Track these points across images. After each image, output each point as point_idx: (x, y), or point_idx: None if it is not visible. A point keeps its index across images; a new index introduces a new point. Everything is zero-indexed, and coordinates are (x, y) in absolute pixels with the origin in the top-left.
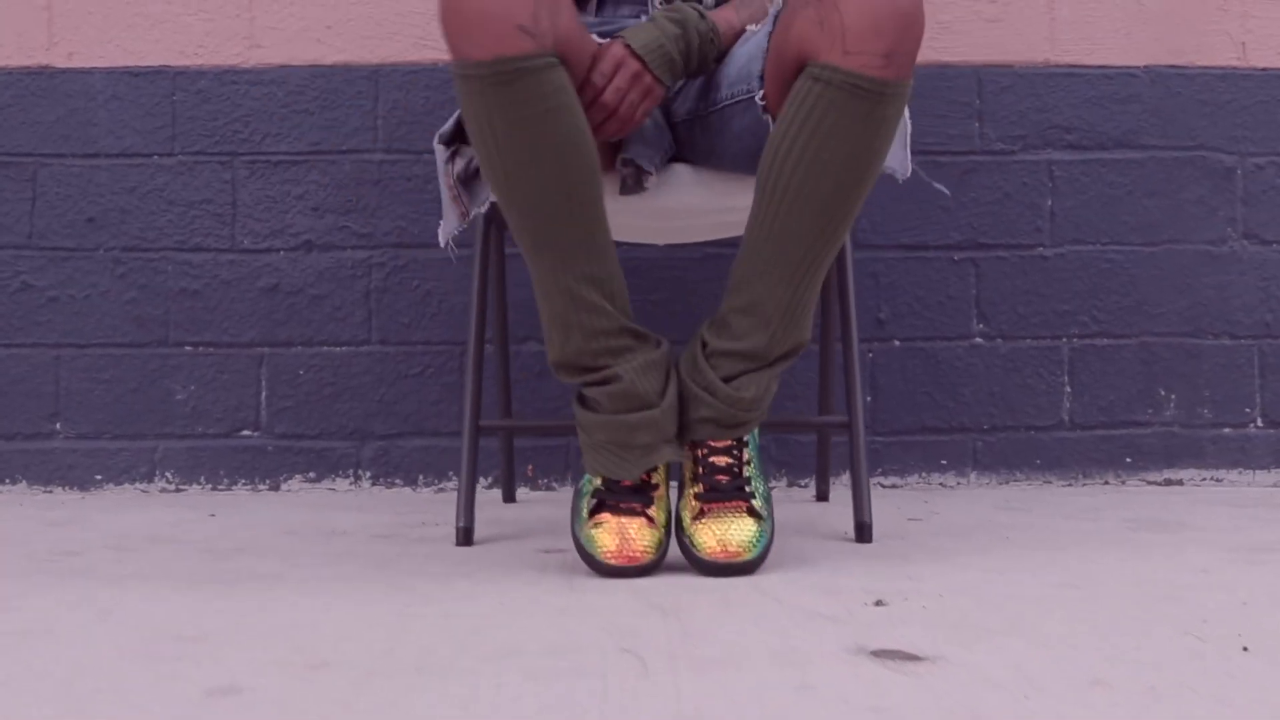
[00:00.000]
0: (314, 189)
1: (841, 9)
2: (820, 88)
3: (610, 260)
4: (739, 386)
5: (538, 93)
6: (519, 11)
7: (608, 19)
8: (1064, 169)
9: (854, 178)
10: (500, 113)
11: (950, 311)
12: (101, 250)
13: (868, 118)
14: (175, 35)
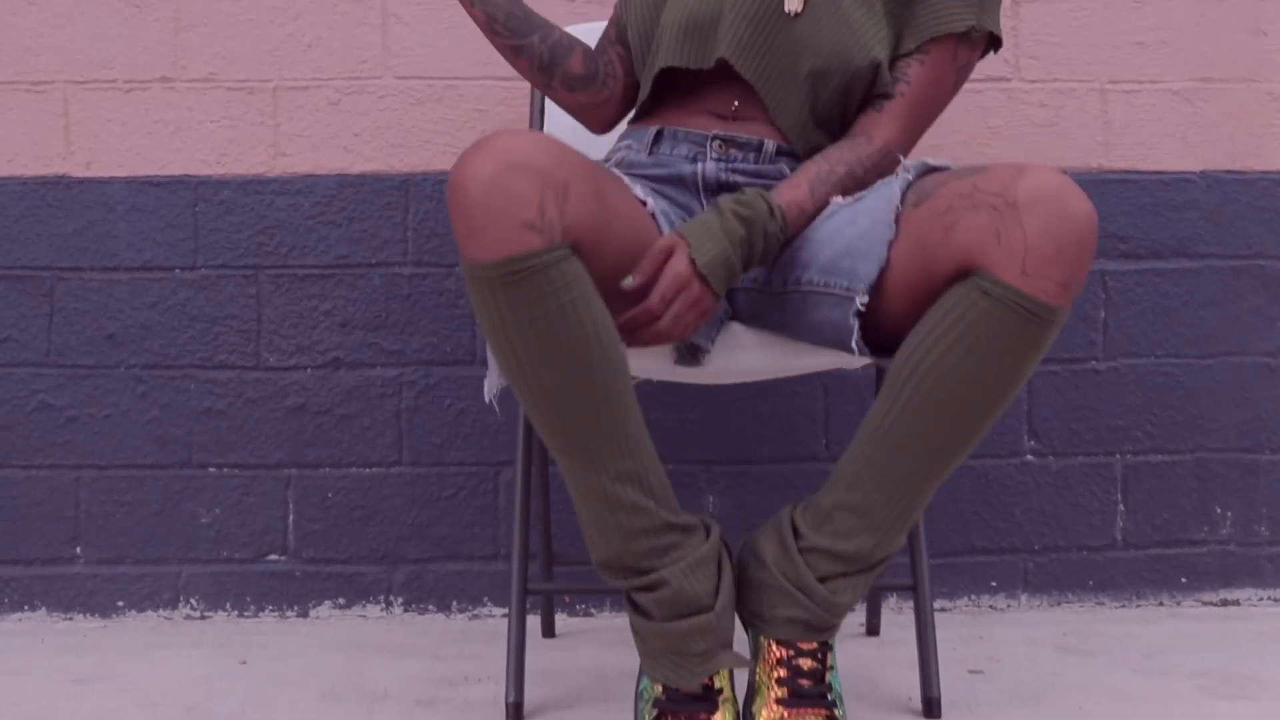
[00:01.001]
0: (342, 304)
1: (1025, 225)
2: (988, 303)
3: (645, 453)
4: (835, 590)
5: (549, 290)
6: (524, 207)
7: (662, 160)
8: (1117, 279)
9: (1001, 396)
10: (512, 312)
11: (1000, 429)
12: (122, 368)
13: (1031, 341)
14: (197, 143)
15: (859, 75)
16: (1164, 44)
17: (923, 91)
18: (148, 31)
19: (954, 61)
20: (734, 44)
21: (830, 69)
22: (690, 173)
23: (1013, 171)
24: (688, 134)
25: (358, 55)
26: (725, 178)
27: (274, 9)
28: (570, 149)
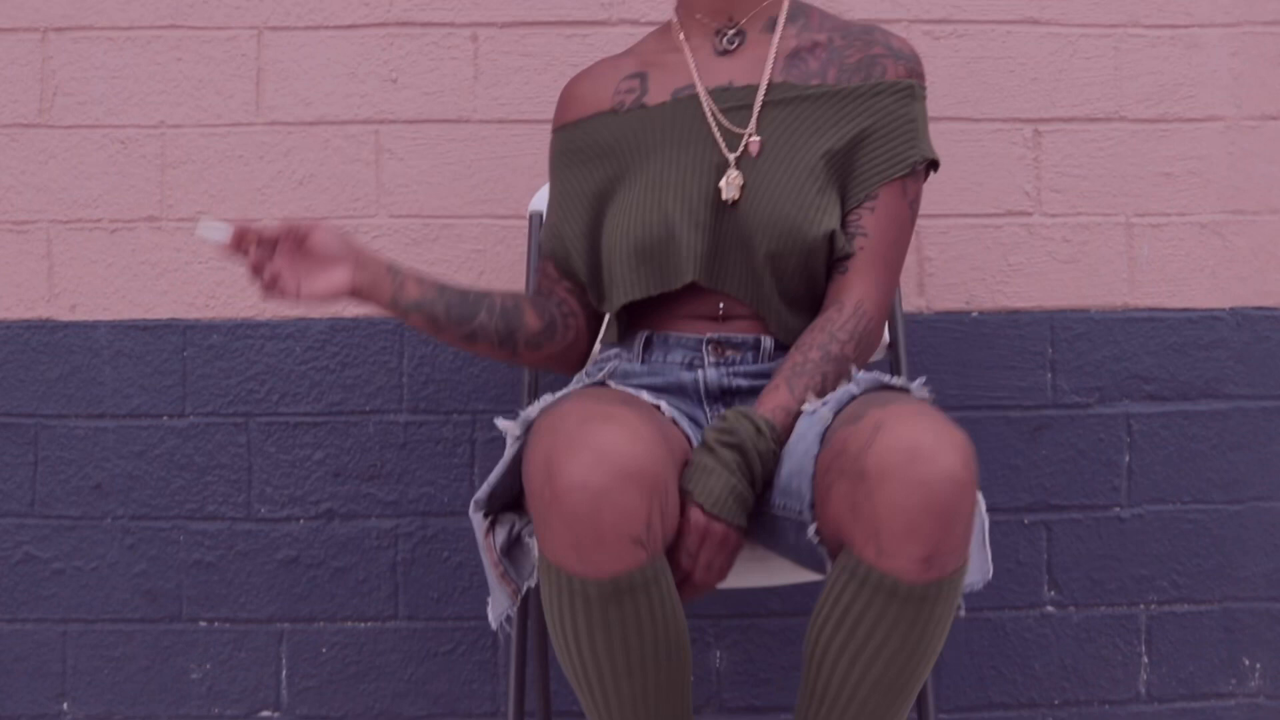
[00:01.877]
0: (335, 453)
1: (875, 499)
2: (855, 585)
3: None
4: None
5: (648, 606)
6: (635, 523)
7: (657, 369)
8: (1143, 422)
9: (901, 680)
10: (605, 629)
11: (1020, 579)
12: (109, 519)
13: (913, 620)
14: (185, 285)
15: (815, 249)
16: (1192, 174)
17: (882, 238)
18: (133, 168)
19: (904, 197)
20: (698, 262)
21: (784, 249)
22: (691, 380)
23: (870, 430)
24: (679, 339)
25: (350, 193)
26: (728, 383)
27: (263, 145)
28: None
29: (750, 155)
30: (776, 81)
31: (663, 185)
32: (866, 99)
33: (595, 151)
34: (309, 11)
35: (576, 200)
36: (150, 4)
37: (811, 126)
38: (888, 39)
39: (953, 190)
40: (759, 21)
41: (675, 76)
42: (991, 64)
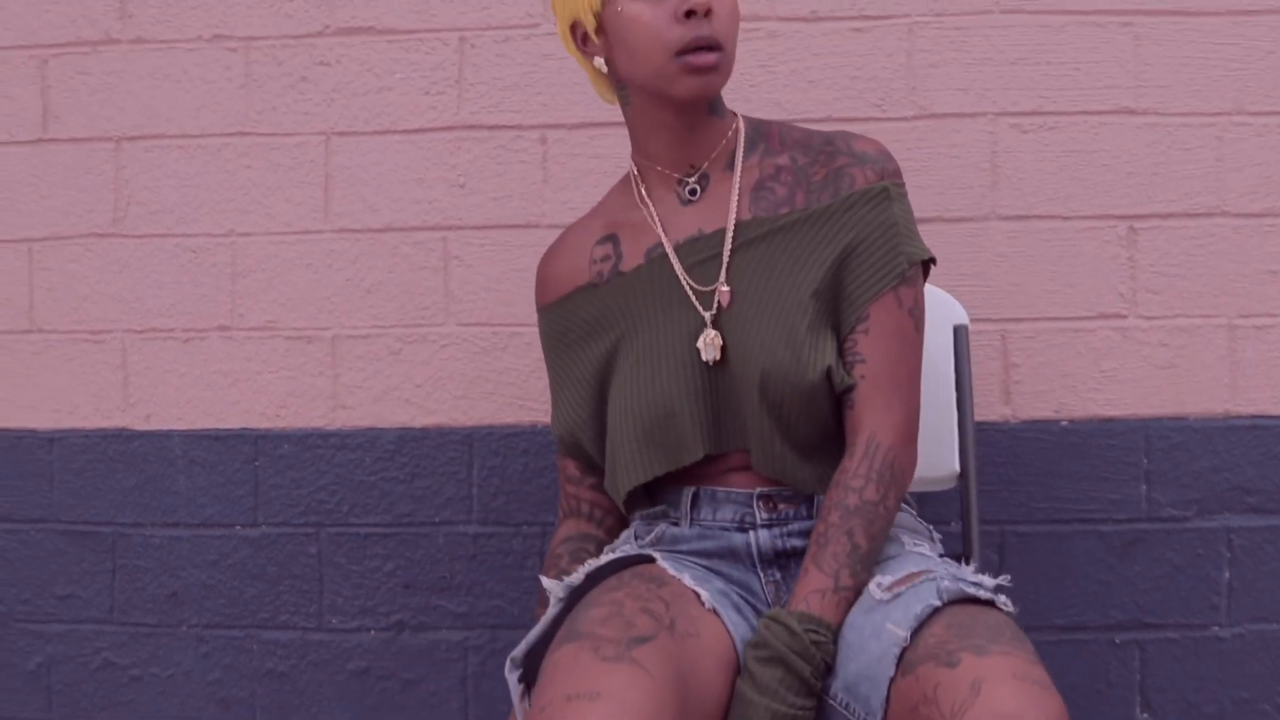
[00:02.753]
0: (406, 564)
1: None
2: None
3: None
4: None
5: None
6: None
7: (707, 531)
8: (1245, 536)
9: None
10: None
11: (1111, 700)
12: (184, 627)
13: None
14: (255, 395)
15: (814, 391)
16: None
17: (882, 359)
18: (205, 277)
19: (901, 308)
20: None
21: (780, 398)
22: (742, 544)
23: (968, 690)
24: (728, 494)
25: (418, 301)
26: (781, 545)
27: (331, 253)
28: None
29: (724, 308)
30: (744, 220)
31: (653, 358)
32: (840, 215)
33: (584, 331)
34: (375, 116)
35: (577, 386)
36: (219, 112)
37: (789, 260)
38: (850, 143)
39: (1040, 292)
40: (721, 160)
41: (645, 234)
42: (1083, 158)
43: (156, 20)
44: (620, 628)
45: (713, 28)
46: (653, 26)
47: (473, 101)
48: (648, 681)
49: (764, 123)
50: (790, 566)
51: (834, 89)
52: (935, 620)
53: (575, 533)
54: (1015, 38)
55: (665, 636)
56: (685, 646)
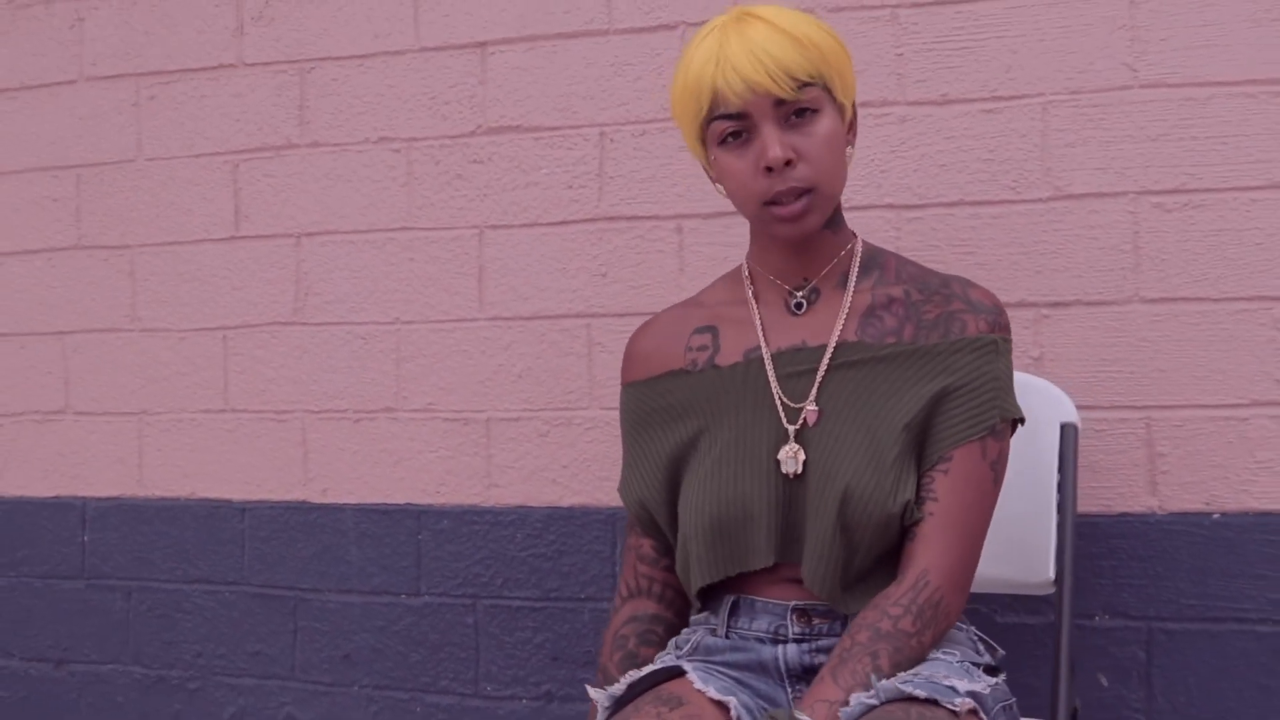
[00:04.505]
0: (553, 637)
1: None
2: None
3: None
4: None
5: None
6: None
7: (740, 643)
8: None
9: None
10: None
11: None
12: (356, 687)
13: None
14: (418, 473)
15: (888, 522)
16: None
17: (955, 502)
18: (373, 362)
19: (984, 459)
20: (773, 539)
21: (854, 523)
22: (771, 658)
23: None
24: (765, 604)
25: (565, 385)
26: (808, 661)
27: (486, 340)
28: None
29: (809, 425)
30: (850, 341)
31: (736, 458)
32: (945, 357)
33: (670, 414)
34: (523, 210)
35: (656, 466)
36: (385, 209)
37: (886, 389)
38: (967, 291)
39: (1189, 379)
40: (833, 277)
41: (746, 335)
42: (1233, 236)
43: (330, 125)
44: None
45: (798, 174)
46: (739, 178)
47: (612, 194)
48: None
49: (882, 251)
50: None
51: (966, 172)
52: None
53: (644, 613)
54: (1156, 113)
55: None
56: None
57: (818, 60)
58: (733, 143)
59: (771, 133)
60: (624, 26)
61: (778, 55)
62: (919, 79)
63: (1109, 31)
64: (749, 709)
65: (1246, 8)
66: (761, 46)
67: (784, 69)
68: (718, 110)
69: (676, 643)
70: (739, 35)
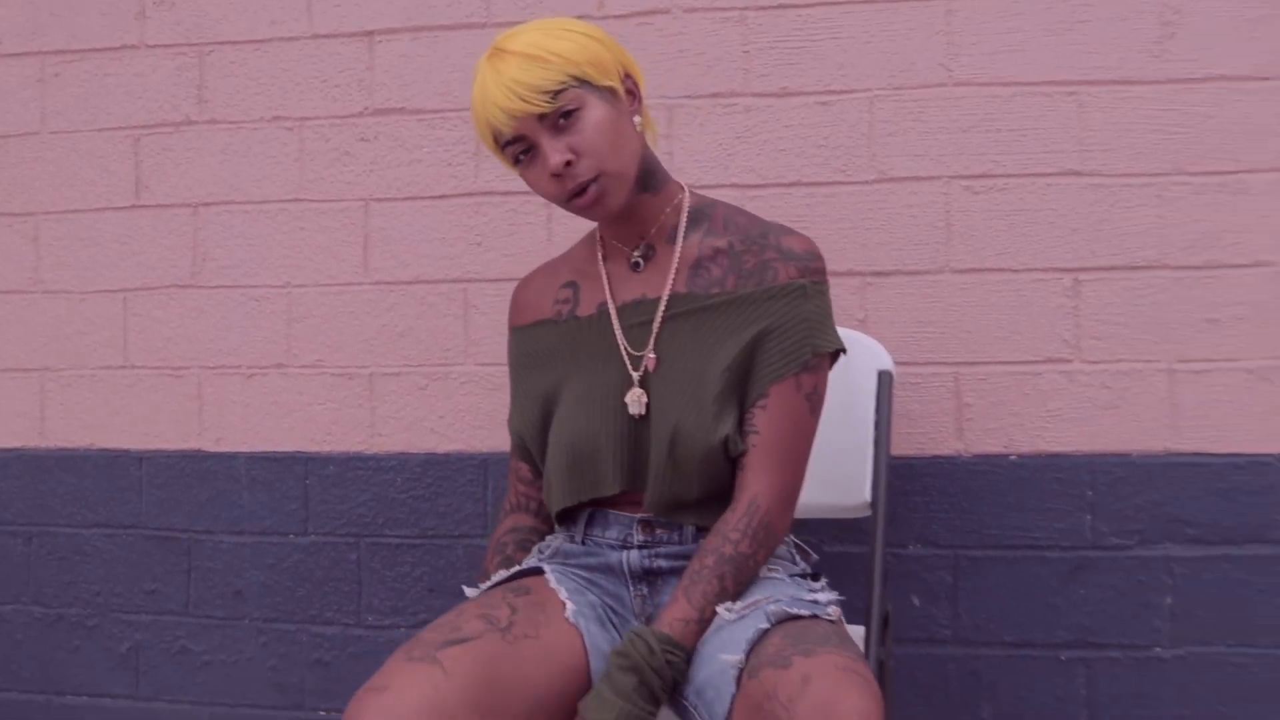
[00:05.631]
0: (430, 571)
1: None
2: None
3: None
4: None
5: None
6: None
7: (593, 549)
8: (1186, 565)
9: None
10: None
11: (1057, 713)
12: (247, 620)
13: None
14: (306, 423)
15: (712, 454)
16: (1240, 320)
17: (774, 434)
18: (265, 323)
19: (799, 392)
20: (620, 471)
21: (684, 457)
22: (618, 561)
23: (799, 682)
24: (616, 516)
25: (443, 344)
26: (649, 564)
27: (370, 302)
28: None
29: (650, 371)
30: (680, 293)
31: (589, 400)
32: (760, 304)
33: (540, 358)
34: (406, 185)
35: (531, 403)
36: (278, 181)
37: (712, 336)
38: (780, 239)
39: (992, 339)
40: (664, 233)
41: (598, 290)
42: (1030, 215)
43: (227, 104)
44: (444, 632)
45: (579, 169)
46: (539, 187)
47: (488, 171)
48: (439, 679)
49: (712, 204)
50: (656, 583)
51: (802, 156)
52: (773, 633)
53: (522, 526)
54: (967, 108)
55: (491, 638)
56: (513, 650)
57: (563, 66)
58: (525, 159)
59: (548, 143)
60: (500, 20)
61: (524, 80)
62: (762, 74)
63: (927, 36)
64: (594, 606)
65: (1044, 19)
66: (511, 77)
67: (533, 89)
68: (501, 139)
69: (539, 548)
70: (493, 73)
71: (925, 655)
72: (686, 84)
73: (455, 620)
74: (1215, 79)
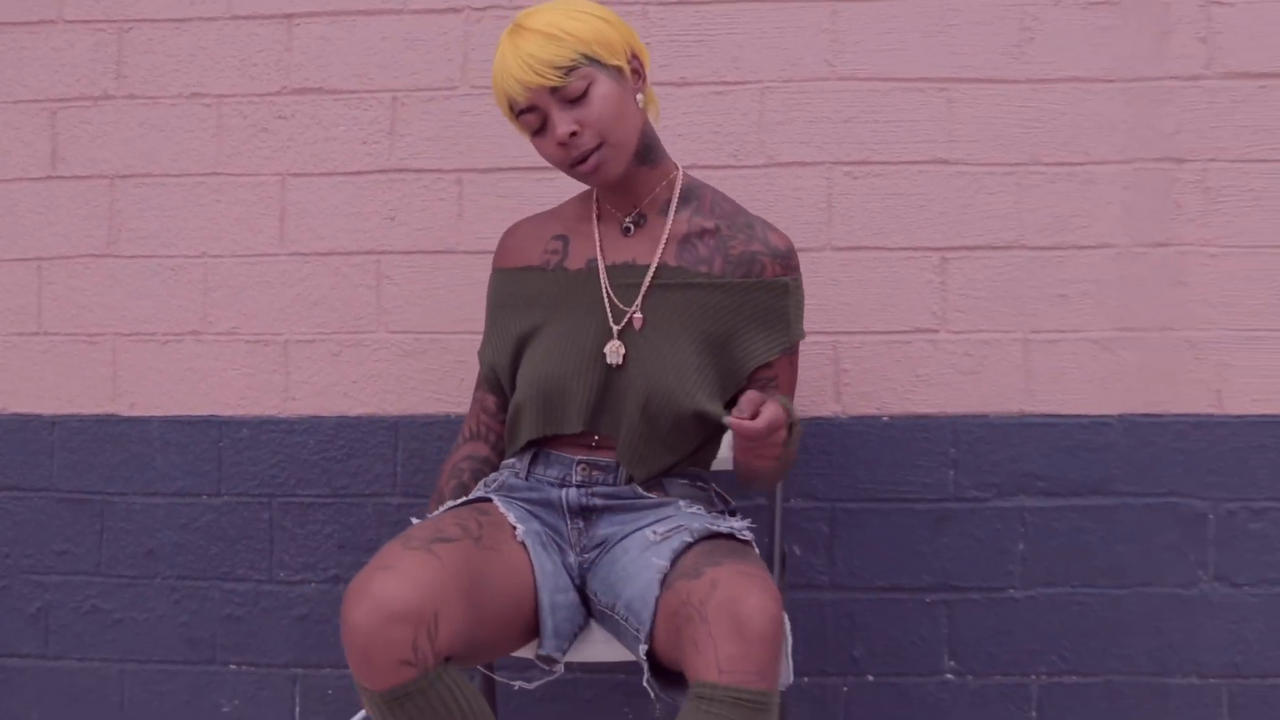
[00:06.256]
0: (341, 529)
1: (715, 636)
2: (706, 702)
3: None
4: None
5: (426, 705)
6: (401, 649)
7: (535, 485)
8: (1036, 515)
9: None
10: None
11: (922, 650)
12: (159, 579)
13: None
14: (221, 388)
15: (685, 417)
16: (1086, 295)
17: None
18: (181, 291)
19: (792, 366)
20: (585, 412)
21: (659, 412)
22: (557, 497)
23: (709, 586)
24: (559, 457)
25: (356, 312)
26: (585, 501)
27: (285, 272)
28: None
29: (634, 329)
30: (669, 265)
31: (567, 344)
32: (746, 293)
33: (523, 300)
34: (322, 161)
35: (507, 340)
36: (196, 156)
37: (697, 310)
38: (766, 235)
39: (866, 311)
40: (657, 205)
41: (589, 247)
42: (903, 199)
43: (145, 80)
44: (430, 531)
45: (584, 139)
46: (546, 153)
47: (402, 149)
48: (436, 565)
49: (702, 186)
50: (591, 518)
51: (698, 142)
52: (689, 551)
53: (479, 454)
54: (848, 100)
55: (468, 543)
56: (486, 556)
57: (576, 45)
58: (537, 127)
59: (557, 114)
60: (416, 8)
61: (542, 56)
62: (663, 64)
63: (814, 34)
64: (537, 533)
65: (918, 22)
66: (528, 52)
67: (549, 65)
68: (516, 107)
69: (485, 482)
70: (513, 47)
71: (805, 599)
72: None
73: (436, 524)
74: (1068, 80)
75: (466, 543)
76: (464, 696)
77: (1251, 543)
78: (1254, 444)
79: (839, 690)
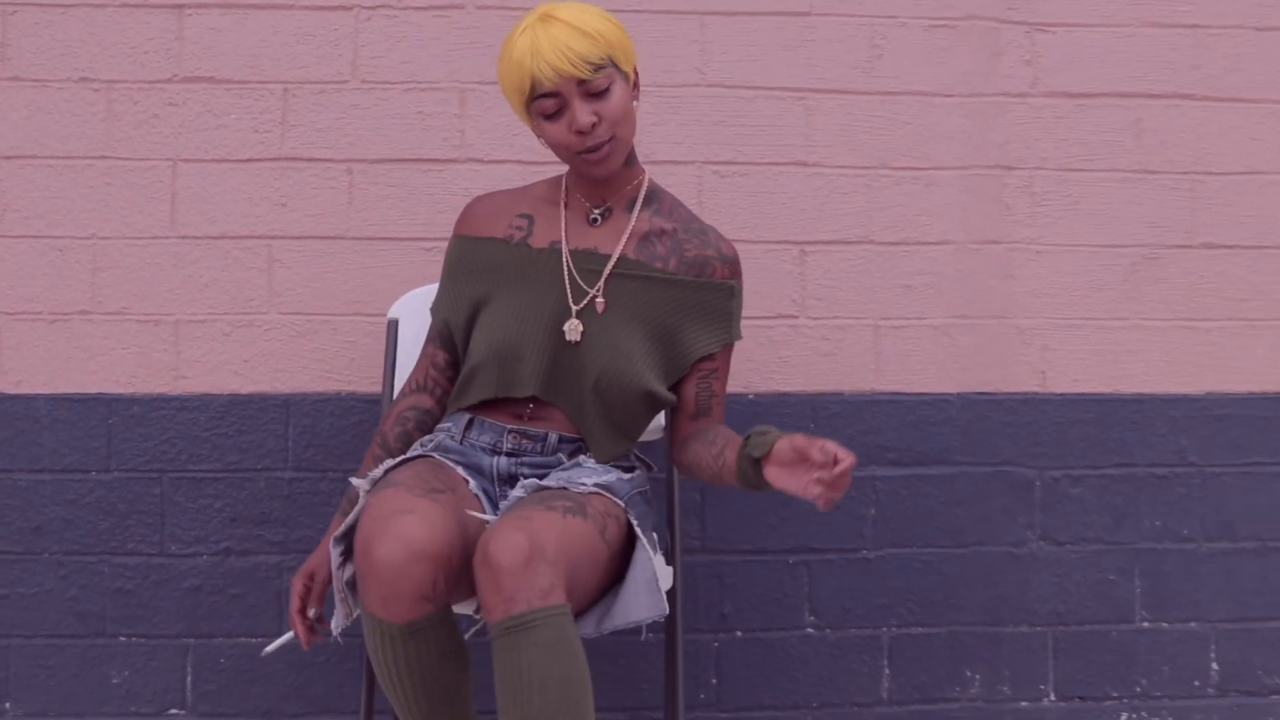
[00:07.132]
0: (232, 503)
1: (479, 576)
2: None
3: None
4: None
5: (434, 639)
6: (424, 586)
7: (468, 450)
8: (886, 483)
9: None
10: (406, 658)
11: (785, 606)
12: (47, 554)
13: (534, 644)
14: (111, 367)
15: (633, 396)
16: (929, 286)
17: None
18: (70, 272)
19: (728, 364)
20: (538, 379)
21: (610, 388)
22: (488, 464)
23: (496, 525)
24: (492, 425)
25: (246, 295)
26: (514, 470)
27: (176, 255)
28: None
29: (595, 310)
30: (630, 258)
31: (524, 314)
32: (697, 291)
33: (483, 267)
34: (214, 147)
35: (464, 302)
36: (84, 139)
37: (651, 301)
38: (719, 243)
39: None
40: (623, 201)
41: (554, 230)
42: (767, 197)
43: (32, 63)
44: (421, 482)
45: (600, 131)
46: (559, 138)
47: (293, 139)
48: (444, 511)
49: (663, 191)
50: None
51: None
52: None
53: (423, 406)
54: (717, 105)
55: (450, 496)
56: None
57: (604, 46)
58: (553, 114)
59: (579, 105)
60: (307, 4)
61: (576, 48)
62: None
63: (685, 44)
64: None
65: (778, 37)
66: (563, 42)
67: (582, 58)
68: (538, 92)
69: (422, 442)
70: (546, 34)
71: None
72: (478, 71)
73: (418, 475)
74: (913, 93)
75: (450, 496)
76: (458, 637)
77: (1072, 506)
78: (1073, 419)
79: (710, 645)
